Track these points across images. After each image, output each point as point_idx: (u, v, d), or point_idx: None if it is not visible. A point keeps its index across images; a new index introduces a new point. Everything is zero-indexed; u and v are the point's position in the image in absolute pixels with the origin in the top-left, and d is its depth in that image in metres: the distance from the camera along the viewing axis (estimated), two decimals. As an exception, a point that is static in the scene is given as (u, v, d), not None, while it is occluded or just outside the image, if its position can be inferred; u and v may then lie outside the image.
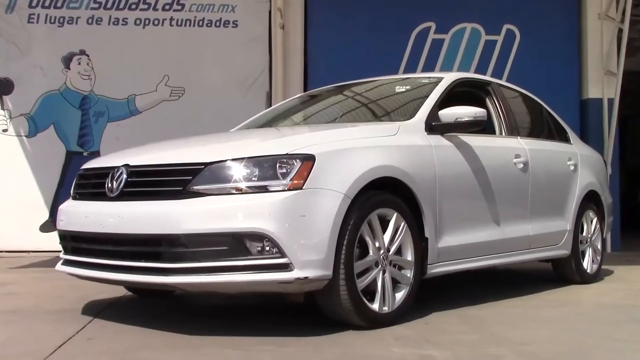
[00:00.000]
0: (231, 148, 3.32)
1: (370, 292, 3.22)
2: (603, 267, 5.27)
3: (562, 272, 4.94)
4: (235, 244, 2.91)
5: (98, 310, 3.69)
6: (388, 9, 7.64)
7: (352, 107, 4.54)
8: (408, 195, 3.46)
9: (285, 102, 5.14)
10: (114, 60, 7.46)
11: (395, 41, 7.62)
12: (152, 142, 4.03)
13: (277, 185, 2.96)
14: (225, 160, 3.03)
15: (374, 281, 3.24)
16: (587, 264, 4.99)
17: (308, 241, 2.94)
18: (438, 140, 3.78)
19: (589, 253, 5.02)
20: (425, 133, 3.75)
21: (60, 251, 3.57)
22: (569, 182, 4.87)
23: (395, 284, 3.36)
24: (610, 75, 7.67)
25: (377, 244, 3.25)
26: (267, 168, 2.99)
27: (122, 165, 3.27)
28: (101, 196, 3.29)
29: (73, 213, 3.42)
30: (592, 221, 5.09)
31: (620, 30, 7.57)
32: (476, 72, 7.44)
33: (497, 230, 4.08)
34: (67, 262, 3.48)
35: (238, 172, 2.99)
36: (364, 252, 3.21)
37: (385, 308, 3.25)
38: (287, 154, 3.04)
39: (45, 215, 7.31)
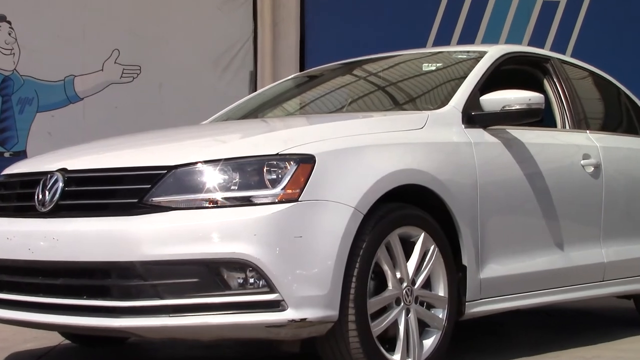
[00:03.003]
0: (203, 146, 3.33)
1: (389, 338, 3.23)
2: None
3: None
4: (208, 275, 2.92)
5: (24, 364, 3.70)
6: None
7: (364, 91, 4.56)
8: (440, 209, 3.48)
9: (276, 85, 5.16)
10: (45, 30, 7.47)
11: (422, 3, 7.65)
12: (97, 139, 4.05)
13: (265, 196, 2.97)
14: (196, 163, 3.04)
15: (395, 324, 3.25)
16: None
17: (306, 271, 2.95)
18: (479, 135, 3.80)
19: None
20: (463, 126, 3.77)
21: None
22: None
23: (423, 327, 3.37)
24: None
25: (398, 275, 3.27)
26: (252, 173, 3.01)
27: (58, 170, 3.28)
28: (29, 211, 3.30)
29: (-9, 234, 3.43)
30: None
31: None
32: (530, 44, 7.45)
33: (560, 256, 4.09)
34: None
35: (212, 179, 3.01)
36: (381, 285, 3.22)
37: (410, 360, 3.27)
38: (277, 154, 3.05)
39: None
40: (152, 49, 7.56)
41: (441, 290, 3.42)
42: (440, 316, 3.42)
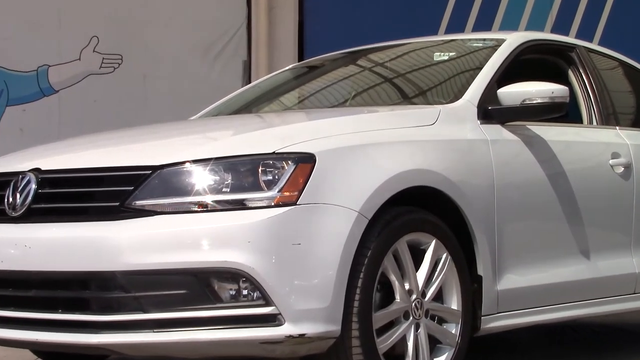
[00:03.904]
0: (192, 144, 3.34)
1: (396, 356, 3.24)
2: None
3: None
4: (197, 286, 2.93)
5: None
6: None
7: (369, 83, 4.57)
8: (453, 213, 3.49)
9: (272, 77, 5.17)
10: (15, 14, 7.47)
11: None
12: (74, 135, 4.06)
13: (260, 199, 2.98)
14: (183, 163, 3.05)
15: (403, 340, 3.25)
16: None
17: (305, 282, 2.96)
18: (497, 132, 3.81)
19: None
20: (478, 122, 3.78)
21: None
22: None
23: (434, 344, 3.38)
24: None
25: (407, 286, 3.27)
26: (245, 174, 3.02)
27: (30, 171, 3.28)
28: (-1, 216, 3.32)
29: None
30: None
31: None
32: (553, 31, 7.46)
33: (586, 266, 4.10)
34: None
35: (202, 180, 3.02)
36: (388, 297, 3.23)
37: (420, 381, 3.28)
38: (274, 152, 3.06)
39: None
40: (135, 36, 7.57)
41: (454, 303, 3.43)
42: (453, 332, 3.43)
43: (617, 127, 4.53)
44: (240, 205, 2.98)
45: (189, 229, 2.95)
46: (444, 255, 3.39)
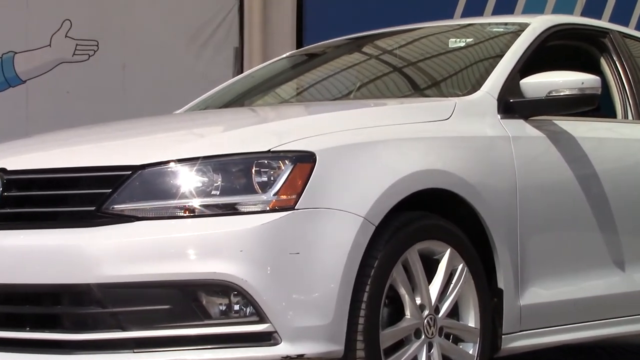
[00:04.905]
0: (177, 141, 3.35)
1: (407, 380, 3.26)
2: None
3: None
4: (183, 300, 2.94)
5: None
6: None
7: (376, 73, 4.57)
8: (470, 219, 3.50)
9: (267, 66, 5.17)
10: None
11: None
12: (44, 131, 4.06)
13: (254, 202, 2.99)
14: (167, 162, 3.06)
15: (414, 361, 3.27)
16: None
17: (304, 296, 2.97)
18: (519, 128, 3.82)
19: None
20: (499, 116, 3.79)
21: None
22: None
23: (450, 366, 3.40)
24: None
25: (418, 300, 3.28)
26: (237, 175, 3.03)
27: (-5, 171, 3.31)
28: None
29: None
30: None
31: None
32: (583, 14, 7.47)
33: (620, 279, 4.10)
34: None
35: (188, 182, 3.03)
36: (397, 313, 3.24)
37: (433, 407, 3.29)
38: (269, 151, 3.07)
39: None
40: (112, 20, 7.58)
41: (472, 319, 3.44)
42: (471, 352, 3.44)
43: (656, 123, 4.54)
44: (232, 209, 2.99)
45: (174, 237, 2.96)
46: (460, 266, 3.40)
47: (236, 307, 2.94)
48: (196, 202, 3.00)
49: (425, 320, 3.29)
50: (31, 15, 7.48)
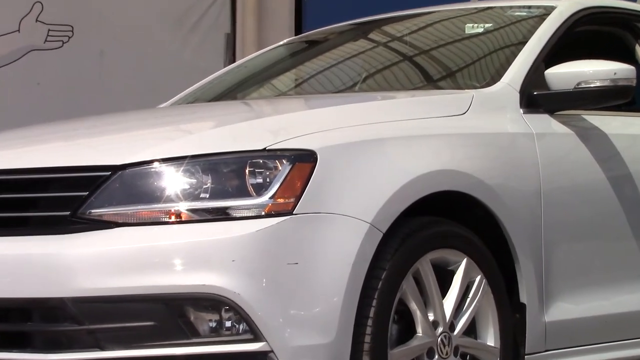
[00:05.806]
0: (162, 138, 3.35)
1: (419, 405, 3.26)
2: None
3: None
4: (168, 316, 2.94)
5: None
6: None
7: (384, 62, 4.58)
8: (489, 225, 3.50)
9: (262, 54, 5.18)
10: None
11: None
12: (12, 127, 4.06)
13: (248, 207, 2.99)
14: (151, 162, 3.06)
15: (427, 385, 3.28)
16: None
17: (303, 311, 2.97)
18: (545, 123, 3.83)
19: None
20: (521, 111, 3.80)
21: None
22: None
23: (466, 390, 3.41)
24: None
25: (431, 316, 3.28)
26: (229, 175, 3.03)
27: (-41, 172, 3.30)
28: None
29: None
30: None
31: None
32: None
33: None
34: None
35: (174, 183, 3.03)
36: (408, 330, 3.24)
37: None
38: (265, 149, 3.07)
39: None
40: (88, 2, 7.58)
41: (491, 338, 3.44)
42: (490, 374, 3.45)
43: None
44: (223, 214, 2.99)
45: (158, 245, 2.96)
46: (478, 278, 3.41)
47: (228, 324, 2.95)
48: (183, 207, 3.00)
49: (439, 339, 3.29)
50: (-2, -3, 7.51)
